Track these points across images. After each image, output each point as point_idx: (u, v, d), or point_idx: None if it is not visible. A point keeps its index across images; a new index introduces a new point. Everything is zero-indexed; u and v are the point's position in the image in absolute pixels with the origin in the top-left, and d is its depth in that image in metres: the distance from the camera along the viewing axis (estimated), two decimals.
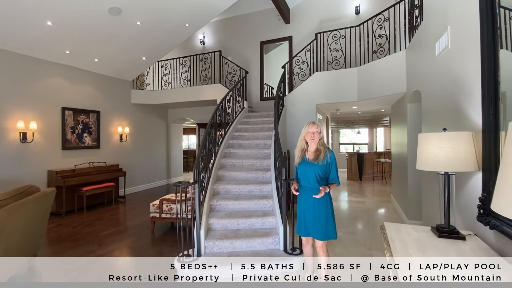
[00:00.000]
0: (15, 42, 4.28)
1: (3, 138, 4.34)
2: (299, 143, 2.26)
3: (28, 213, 2.42)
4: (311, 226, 2.12)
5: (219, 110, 4.43)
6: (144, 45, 5.47)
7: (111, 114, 6.21)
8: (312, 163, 2.12)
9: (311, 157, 2.16)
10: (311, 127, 2.17)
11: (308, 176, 2.13)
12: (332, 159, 2.13)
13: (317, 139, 2.15)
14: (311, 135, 2.15)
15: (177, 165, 8.44)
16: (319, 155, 2.11)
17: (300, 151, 2.23)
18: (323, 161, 2.09)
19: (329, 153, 2.14)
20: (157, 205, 3.98)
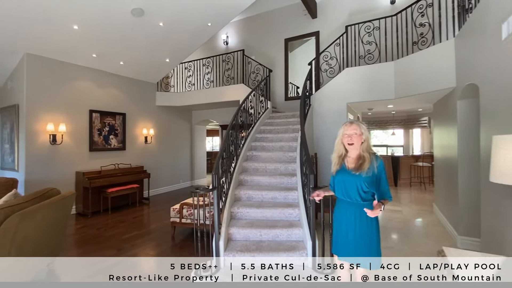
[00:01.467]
0: (45, 47, 4.42)
1: (35, 140, 4.49)
2: (336, 147, 1.85)
3: (44, 217, 2.35)
4: (350, 249, 1.73)
5: (241, 110, 4.20)
6: (167, 47, 5.43)
7: (137, 116, 6.28)
8: (353, 173, 1.71)
9: (352, 166, 1.74)
10: (349, 128, 1.75)
11: (347, 189, 1.73)
12: (381, 169, 1.69)
13: (357, 143, 1.72)
14: (349, 139, 1.73)
15: (200, 167, 8.39)
16: (362, 164, 1.69)
17: (337, 157, 1.82)
18: (368, 171, 1.66)
19: (377, 162, 1.69)
20: (177, 210, 3.84)
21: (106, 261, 3.11)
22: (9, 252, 1.95)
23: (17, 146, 4.54)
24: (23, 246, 2.09)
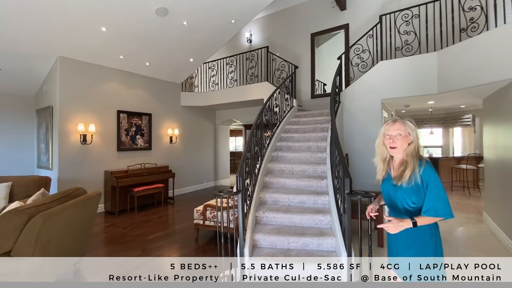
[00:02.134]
0: (76, 50, 4.55)
1: (67, 140, 4.65)
2: (377, 150, 1.52)
3: (69, 218, 2.32)
4: (406, 271, 1.43)
5: (266, 109, 3.99)
6: (191, 46, 5.39)
7: (162, 116, 6.34)
8: (395, 183, 1.41)
9: (395, 174, 1.45)
10: (391, 127, 1.42)
11: (392, 203, 1.44)
12: (427, 177, 1.32)
13: (401, 147, 1.39)
14: (390, 141, 1.40)
15: (224, 167, 8.33)
16: (403, 171, 1.37)
17: (381, 161, 1.50)
18: (410, 181, 1.34)
19: (420, 168, 1.34)
20: (201, 212, 3.73)
21: (131, 262, 3.09)
22: (33, 252, 1.92)
23: (51, 146, 4.74)
24: (47, 246, 2.06)
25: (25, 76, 4.87)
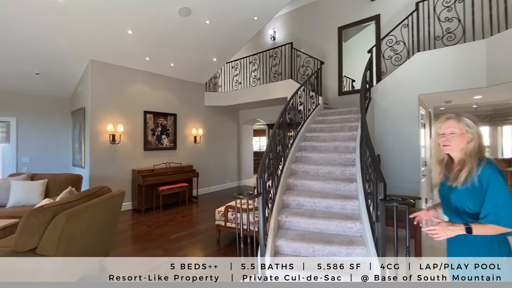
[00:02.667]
0: (105, 53, 4.73)
1: (97, 140, 4.86)
2: (432, 151, 1.37)
3: (91, 216, 2.35)
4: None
5: (289, 107, 3.81)
6: (214, 45, 5.37)
7: (186, 116, 6.42)
8: (450, 185, 1.24)
9: (452, 176, 1.26)
10: (443, 124, 1.27)
11: (449, 208, 1.27)
12: (487, 178, 1.14)
13: (457, 145, 1.23)
14: (443, 139, 1.26)
15: (247, 167, 8.26)
16: (459, 171, 1.21)
17: (437, 163, 1.34)
18: (466, 182, 1.17)
19: (478, 169, 1.16)
20: (222, 213, 3.66)
21: (154, 261, 3.11)
22: (56, 251, 1.95)
23: (83, 145, 4.98)
24: (70, 244, 2.09)
25: (61, 79, 5.18)
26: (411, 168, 3.95)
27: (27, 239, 1.90)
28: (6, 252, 1.91)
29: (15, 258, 1.90)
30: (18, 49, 4.09)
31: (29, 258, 1.91)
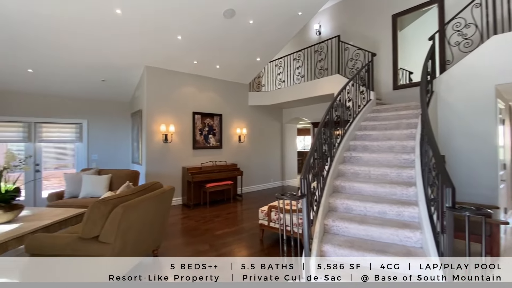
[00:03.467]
0: (158, 59, 5.11)
1: (152, 139, 5.29)
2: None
3: (146, 209, 2.53)
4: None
5: (336, 104, 3.57)
6: (258, 45, 5.37)
7: (231, 116, 6.57)
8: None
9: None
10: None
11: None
12: None
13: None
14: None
15: (291, 167, 8.10)
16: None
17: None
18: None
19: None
20: (266, 212, 3.62)
21: (202, 252, 3.26)
22: (115, 239, 2.15)
23: (140, 144, 5.48)
24: (126, 234, 2.28)
25: (122, 85, 5.77)
26: (485, 172, 3.35)
27: (92, 227, 2.13)
28: (74, 238, 2.17)
29: (83, 243, 2.14)
30: (86, 61, 4.67)
31: (94, 243, 2.13)
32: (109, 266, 2.15)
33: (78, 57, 4.51)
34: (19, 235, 2.47)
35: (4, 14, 3.38)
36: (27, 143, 5.26)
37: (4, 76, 4.64)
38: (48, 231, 2.70)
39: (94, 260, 2.11)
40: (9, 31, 3.67)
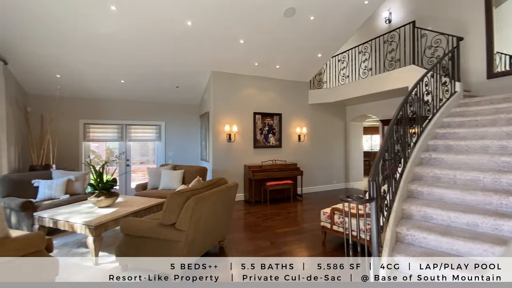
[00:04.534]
0: (223, 64, 5.46)
1: (218, 138, 5.69)
2: None
3: (213, 202, 2.75)
4: None
5: (412, 98, 3.17)
6: (319, 41, 5.20)
7: (291, 115, 6.55)
8: None
9: None
10: None
11: None
12: None
13: None
14: None
15: (356, 168, 7.58)
16: None
17: None
18: None
19: None
20: (328, 214, 3.49)
21: (263, 245, 3.39)
22: (189, 227, 2.39)
23: (208, 143, 5.96)
24: (198, 224, 2.52)
25: (193, 90, 6.38)
26: None
27: (170, 215, 2.43)
28: (156, 223, 2.50)
29: (163, 228, 2.46)
30: (164, 71, 5.32)
31: (172, 229, 2.42)
32: (183, 248, 2.40)
33: (157, 68, 5.19)
34: (116, 218, 3.00)
35: (103, 35, 4.13)
36: (120, 142, 6.32)
37: (103, 87, 5.68)
38: (136, 216, 3.19)
39: (174, 243, 2.40)
40: (106, 49, 4.47)
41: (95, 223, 2.76)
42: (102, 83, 5.52)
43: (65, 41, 4.15)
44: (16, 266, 1.99)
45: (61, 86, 5.24)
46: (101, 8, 3.60)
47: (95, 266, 2.76)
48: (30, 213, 3.34)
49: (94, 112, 6.03)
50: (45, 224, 3.03)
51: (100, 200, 3.23)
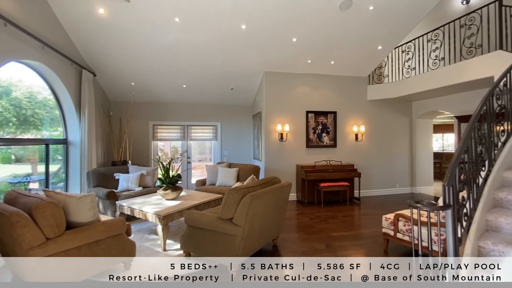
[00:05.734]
0: (275, 64, 5.49)
1: (269, 138, 5.77)
2: None
3: (267, 200, 2.80)
4: None
5: (499, 90, 2.67)
6: (380, 32, 4.80)
7: (347, 113, 6.21)
8: None
9: None
10: None
11: None
12: None
13: None
14: None
15: (425, 171, 6.74)
16: None
17: None
18: None
19: None
20: (391, 221, 3.20)
21: (318, 247, 3.30)
22: (245, 222, 2.49)
23: (260, 142, 6.08)
24: (253, 220, 2.59)
25: (246, 91, 6.59)
26: None
27: (228, 210, 2.56)
28: (215, 217, 2.67)
29: (221, 222, 2.61)
30: (220, 74, 5.63)
31: (229, 224, 2.55)
32: (239, 242, 2.51)
33: (214, 72, 5.54)
34: (180, 210, 3.31)
35: (166, 46, 4.59)
36: (182, 141, 6.93)
37: (168, 92, 6.31)
38: (197, 209, 3.45)
39: (232, 236, 2.53)
40: (168, 57, 4.95)
41: (163, 213, 3.09)
42: (168, 89, 6.14)
43: (137, 54, 4.79)
44: (106, 245, 2.36)
45: (135, 92, 6.02)
46: (168, 21, 4.01)
47: (163, 251, 3.09)
48: (113, 201, 3.94)
49: (161, 114, 6.74)
50: (124, 212, 3.53)
51: (167, 193, 3.60)
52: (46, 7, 3.63)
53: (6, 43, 2.91)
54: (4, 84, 3.58)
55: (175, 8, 3.82)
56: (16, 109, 3.75)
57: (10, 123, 3.71)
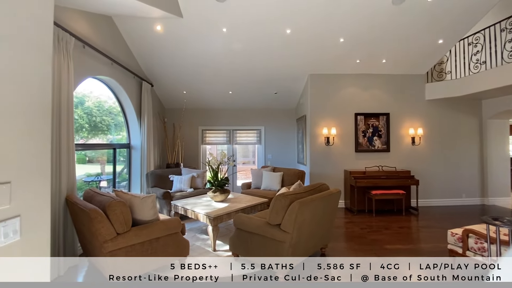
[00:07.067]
0: (320, 66, 5.34)
1: (315, 142, 5.61)
2: None
3: (316, 207, 2.72)
4: None
5: None
6: (441, 24, 4.33)
7: (401, 115, 5.72)
8: None
9: None
10: None
11: None
12: None
13: None
14: None
15: (499, 180, 5.81)
16: None
17: None
18: None
19: None
20: (459, 236, 2.83)
21: (367, 264, 3.04)
22: (293, 230, 2.45)
23: (305, 146, 5.96)
24: (301, 228, 2.54)
25: (289, 95, 6.54)
26: None
27: (275, 216, 2.56)
28: (263, 222, 2.68)
29: (269, 227, 2.61)
30: (264, 79, 5.70)
31: (277, 230, 2.54)
32: (288, 249, 2.48)
33: (258, 77, 5.63)
34: (228, 212, 3.42)
35: (214, 55, 4.82)
36: (228, 145, 7.19)
37: (214, 99, 6.62)
38: (244, 212, 3.52)
39: (280, 243, 2.51)
40: (215, 66, 5.19)
41: (213, 214, 3.23)
42: (215, 95, 6.45)
43: (188, 64, 5.14)
44: (164, 242, 2.56)
45: (186, 100, 6.46)
46: (217, 32, 4.23)
47: (213, 251, 3.22)
48: (168, 201, 4.26)
49: (209, 119, 7.11)
50: (178, 211, 3.79)
51: (216, 195, 3.76)
52: (113, 27, 4.14)
53: (85, 63, 3.41)
54: (80, 95, 4.18)
55: (223, 19, 4.01)
56: (88, 116, 4.34)
57: (83, 129, 4.32)
